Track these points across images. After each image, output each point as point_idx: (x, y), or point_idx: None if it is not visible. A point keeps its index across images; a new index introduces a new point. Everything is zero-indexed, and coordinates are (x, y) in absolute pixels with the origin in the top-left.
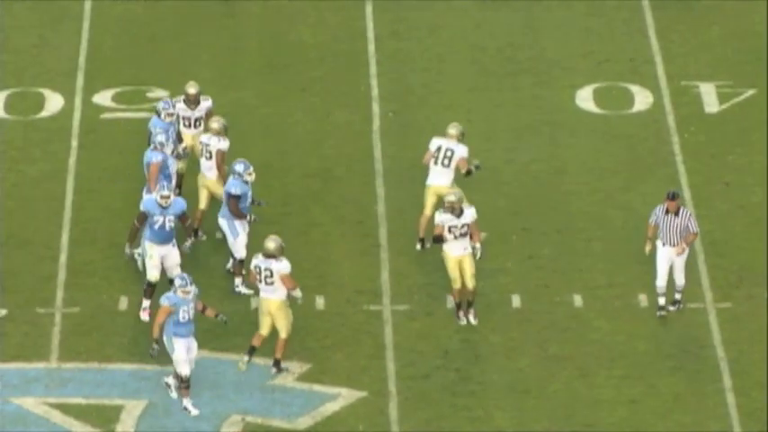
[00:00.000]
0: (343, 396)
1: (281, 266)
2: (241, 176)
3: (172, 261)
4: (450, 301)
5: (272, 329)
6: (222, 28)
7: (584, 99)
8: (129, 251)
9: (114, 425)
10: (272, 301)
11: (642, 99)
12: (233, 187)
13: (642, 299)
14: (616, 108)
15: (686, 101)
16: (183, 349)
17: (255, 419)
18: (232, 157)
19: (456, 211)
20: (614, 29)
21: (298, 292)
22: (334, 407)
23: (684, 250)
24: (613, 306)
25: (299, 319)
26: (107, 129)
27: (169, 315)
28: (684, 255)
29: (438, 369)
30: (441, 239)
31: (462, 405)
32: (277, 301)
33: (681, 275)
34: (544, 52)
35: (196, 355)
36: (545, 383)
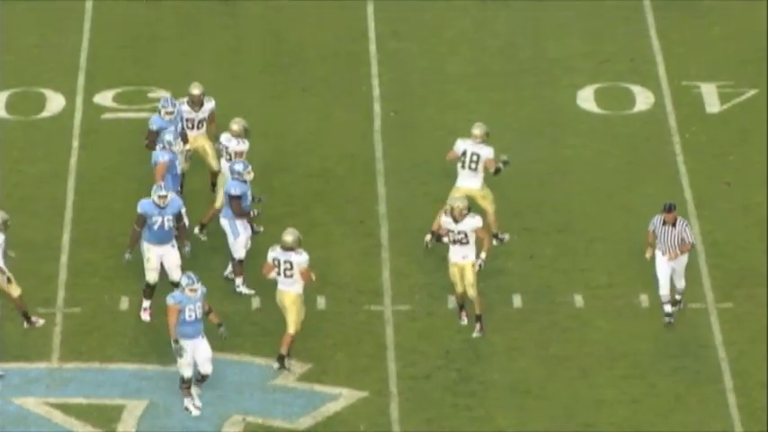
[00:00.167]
0: (345, 396)
1: (301, 259)
2: (241, 176)
3: (171, 262)
4: (452, 302)
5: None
6: (223, 28)
7: (586, 99)
8: (129, 256)
9: (115, 425)
10: (287, 294)
11: (643, 99)
12: (233, 188)
13: (643, 299)
14: (617, 108)
15: (687, 101)
16: (188, 351)
17: (256, 419)
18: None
19: (455, 217)
20: (615, 29)
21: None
22: (335, 407)
23: (677, 256)
24: (614, 306)
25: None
26: (108, 129)
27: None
28: (684, 260)
29: (439, 369)
30: (438, 238)
31: (463, 405)
32: (293, 294)
33: (681, 280)
34: (545, 52)
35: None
36: (546, 383)
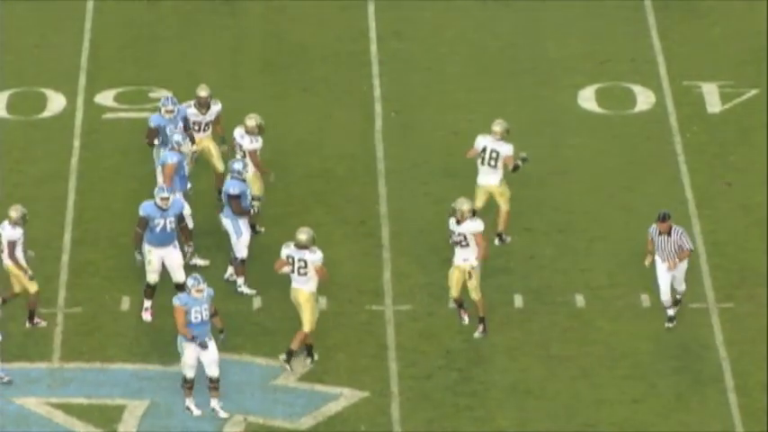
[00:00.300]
0: (346, 396)
1: (315, 257)
2: (240, 175)
3: (174, 262)
4: (452, 302)
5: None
6: (224, 28)
7: (587, 99)
8: (140, 257)
9: (116, 425)
10: (302, 292)
11: (644, 99)
12: (232, 187)
13: (644, 299)
14: (618, 108)
15: (688, 101)
16: (192, 354)
17: (257, 419)
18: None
19: (456, 218)
20: (616, 29)
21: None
22: (336, 407)
23: (677, 265)
24: (615, 306)
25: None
26: (109, 129)
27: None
28: (683, 266)
29: (440, 369)
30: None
31: (464, 405)
32: (306, 293)
33: (682, 284)
34: (546, 52)
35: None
36: (547, 383)
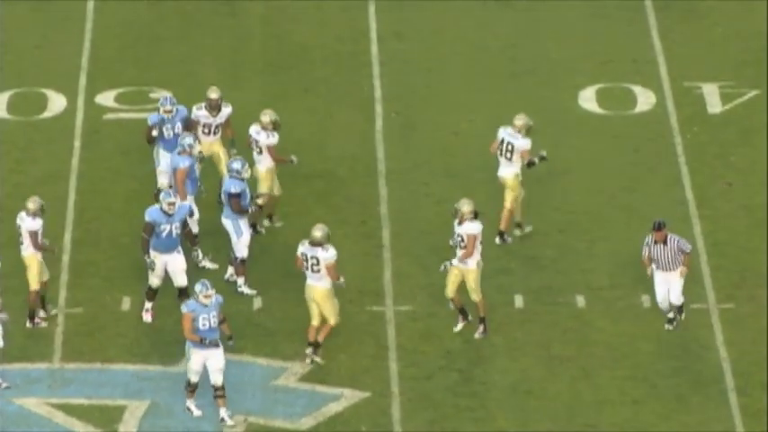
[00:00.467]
0: (346, 396)
1: (327, 255)
2: (239, 174)
3: (176, 266)
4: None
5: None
6: (225, 29)
7: (587, 100)
8: (150, 260)
9: (117, 425)
10: (317, 289)
11: (645, 100)
12: (232, 186)
13: (645, 300)
14: (619, 109)
15: (689, 101)
16: (198, 360)
17: (258, 420)
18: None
19: (457, 219)
20: (617, 30)
21: (341, 282)
22: (336, 407)
23: (685, 272)
24: (616, 307)
25: (301, 320)
26: (110, 129)
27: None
28: (679, 279)
29: (441, 370)
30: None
31: (465, 406)
32: (323, 290)
33: (677, 296)
34: (547, 53)
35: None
36: (548, 384)
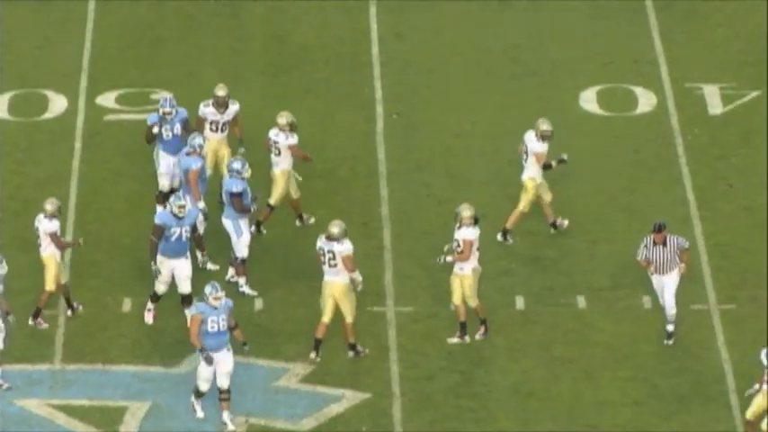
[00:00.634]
0: (347, 397)
1: (342, 248)
2: (240, 174)
3: (182, 273)
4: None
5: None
6: (226, 29)
7: (588, 101)
8: (156, 267)
9: (118, 426)
10: (336, 285)
11: (646, 101)
12: (234, 186)
13: (646, 301)
14: (620, 110)
15: (690, 102)
16: (208, 366)
17: (259, 421)
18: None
19: (456, 223)
20: (618, 31)
21: (357, 275)
22: (337, 408)
23: (684, 270)
24: (617, 308)
25: (302, 321)
26: (111, 130)
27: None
28: (675, 280)
29: (442, 371)
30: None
31: (466, 407)
32: (341, 285)
33: (671, 304)
34: (548, 54)
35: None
36: (549, 385)
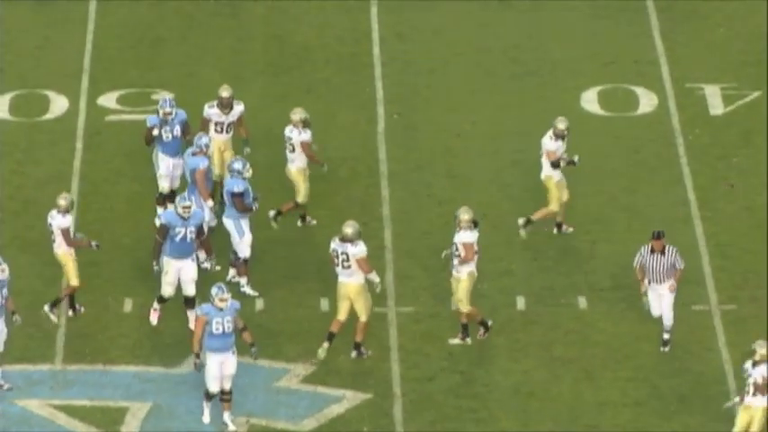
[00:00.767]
0: (348, 398)
1: (356, 250)
2: (240, 174)
3: (187, 275)
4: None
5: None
6: (227, 30)
7: (589, 101)
8: (157, 267)
9: (119, 427)
10: (350, 285)
11: (647, 101)
12: (235, 186)
13: (647, 301)
14: (621, 110)
15: (691, 103)
16: (215, 365)
17: (260, 421)
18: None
19: (456, 226)
20: (619, 31)
21: (374, 276)
22: (338, 409)
23: (675, 288)
24: (618, 308)
25: (303, 321)
26: (112, 131)
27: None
28: (671, 297)
29: (443, 371)
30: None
31: (467, 407)
32: (356, 285)
33: (669, 315)
34: (549, 54)
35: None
36: (550, 385)
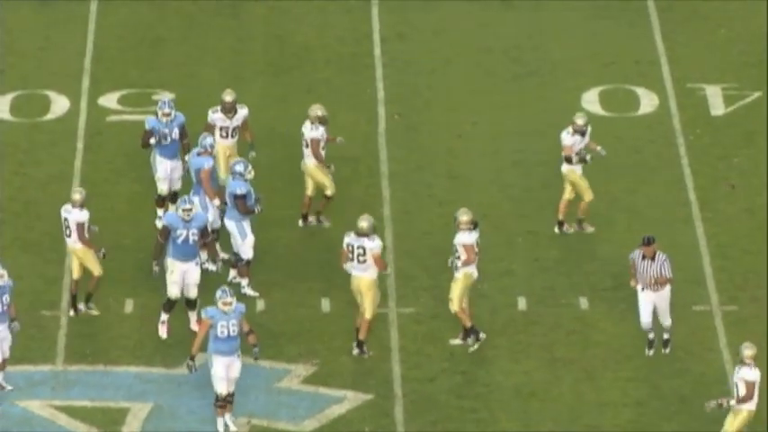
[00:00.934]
0: (349, 399)
1: (373, 245)
2: (242, 176)
3: (191, 278)
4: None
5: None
6: (227, 30)
7: (590, 101)
8: (157, 268)
9: (120, 427)
10: (363, 279)
11: (648, 101)
12: (237, 188)
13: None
14: (622, 110)
15: (692, 103)
16: (221, 367)
17: (261, 422)
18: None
19: (456, 228)
20: (620, 31)
21: (388, 270)
22: (339, 409)
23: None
24: (619, 308)
25: (305, 321)
26: (113, 131)
27: (210, 329)
28: (666, 296)
29: (444, 372)
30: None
31: (468, 408)
32: (368, 280)
33: (666, 318)
34: (550, 54)
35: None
36: (551, 386)
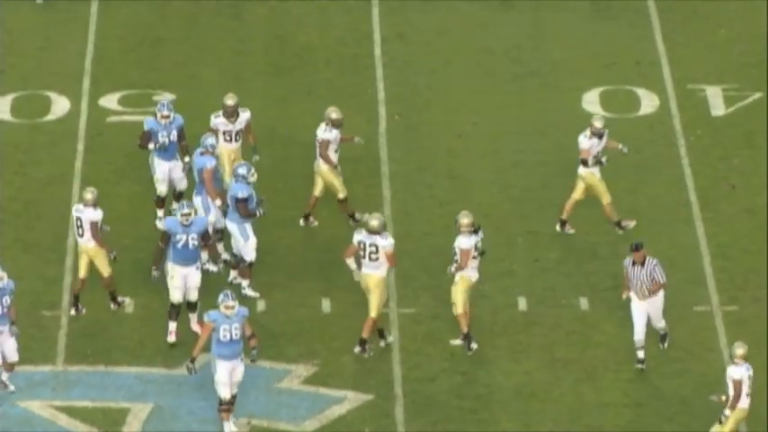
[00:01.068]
0: (350, 399)
1: (386, 243)
2: (245, 179)
3: (192, 282)
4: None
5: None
6: (228, 30)
7: (591, 102)
8: (156, 273)
9: (120, 428)
10: (372, 277)
11: (648, 102)
12: (239, 191)
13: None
14: (622, 111)
15: (692, 104)
16: (224, 371)
17: (261, 422)
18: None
19: (457, 230)
20: (620, 32)
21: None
22: (340, 410)
23: (647, 297)
24: (619, 309)
25: (305, 322)
26: (113, 132)
27: (212, 332)
28: (659, 304)
29: (444, 372)
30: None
31: (468, 408)
32: (377, 278)
33: (660, 321)
34: (550, 55)
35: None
36: (551, 387)
